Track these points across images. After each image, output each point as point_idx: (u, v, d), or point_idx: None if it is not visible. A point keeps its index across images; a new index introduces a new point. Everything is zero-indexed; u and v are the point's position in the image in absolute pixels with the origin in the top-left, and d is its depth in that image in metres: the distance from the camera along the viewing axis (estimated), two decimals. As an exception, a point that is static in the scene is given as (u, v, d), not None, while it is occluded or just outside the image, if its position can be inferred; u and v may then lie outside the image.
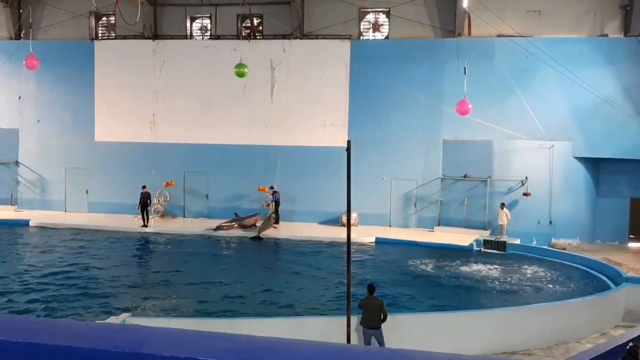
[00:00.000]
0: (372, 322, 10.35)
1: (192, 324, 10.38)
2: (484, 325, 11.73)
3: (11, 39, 26.02)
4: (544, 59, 20.86)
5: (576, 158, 21.64)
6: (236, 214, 22.91)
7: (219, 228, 21.99)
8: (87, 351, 2.00)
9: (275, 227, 22.35)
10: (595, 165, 22.02)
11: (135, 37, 24.62)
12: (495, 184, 22.05)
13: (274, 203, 22.73)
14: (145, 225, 22.37)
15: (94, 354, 1.99)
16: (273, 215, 23.00)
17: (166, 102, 24.73)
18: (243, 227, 22.27)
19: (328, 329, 10.63)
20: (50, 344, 2.02)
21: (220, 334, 2.33)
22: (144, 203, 22.46)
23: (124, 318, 10.72)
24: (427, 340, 10.73)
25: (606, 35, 21.67)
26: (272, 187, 22.92)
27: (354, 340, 10.32)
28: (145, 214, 22.46)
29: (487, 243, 19.99)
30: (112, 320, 10.64)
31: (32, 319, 2.68)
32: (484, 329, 11.65)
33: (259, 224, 22.21)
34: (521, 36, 21.30)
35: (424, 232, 22.15)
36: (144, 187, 22.69)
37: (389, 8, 23.50)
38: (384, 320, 10.35)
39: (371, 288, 10.69)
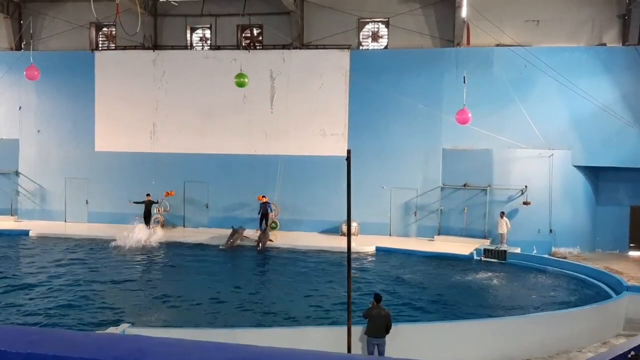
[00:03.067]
0: (378, 332, 10.29)
1: (192, 334, 10.31)
2: (485, 335, 11.64)
3: (12, 49, 26.12)
4: (543, 68, 20.94)
5: (575, 166, 21.66)
6: (233, 227, 22.56)
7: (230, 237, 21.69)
8: (87, 361, 1.98)
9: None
10: (594, 174, 22.03)
11: (135, 47, 24.71)
12: (495, 193, 22.05)
13: (269, 214, 22.44)
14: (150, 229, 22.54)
15: (94, 364, 1.99)
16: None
17: (166, 112, 24.79)
18: (234, 236, 21.78)
19: (329, 339, 10.57)
20: (50, 354, 2.00)
21: (221, 343, 2.31)
22: (147, 211, 22.65)
23: (123, 328, 10.65)
24: (427, 350, 10.68)
25: (604, 44, 21.77)
26: (263, 197, 22.77)
27: (356, 350, 10.27)
28: (148, 222, 22.64)
29: (487, 252, 19.91)
30: (112, 330, 10.57)
31: (32, 329, 2.66)
32: (485, 339, 11.56)
33: (246, 234, 21.95)
34: (520, 45, 21.39)
35: (424, 241, 22.11)
36: (148, 195, 22.95)
37: (388, 18, 23.63)
38: (387, 332, 10.31)
39: (378, 297, 10.65)
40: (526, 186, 21.54)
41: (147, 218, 22.61)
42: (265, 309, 14.01)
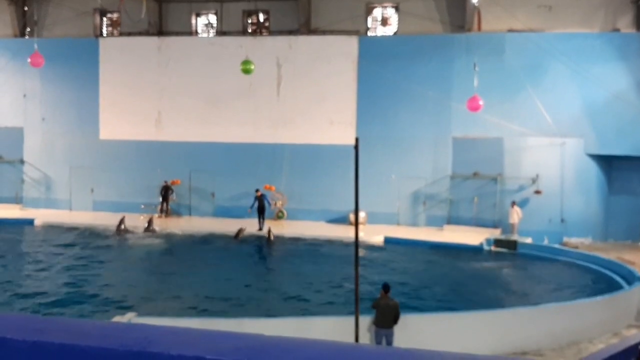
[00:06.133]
0: (386, 322, 10.19)
1: (198, 324, 10.23)
2: (495, 326, 11.52)
3: (16, 36, 25.97)
4: (555, 54, 20.63)
5: (588, 155, 21.33)
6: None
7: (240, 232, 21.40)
8: (94, 349, 1.94)
9: (261, 230, 21.25)
10: (607, 163, 21.69)
11: (140, 34, 24.51)
12: (505, 182, 21.76)
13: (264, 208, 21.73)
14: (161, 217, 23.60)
15: (101, 352, 1.93)
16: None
17: (171, 99, 24.58)
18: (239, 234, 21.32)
19: (336, 329, 10.44)
20: (57, 342, 1.97)
21: (228, 332, 2.23)
22: (165, 195, 23.83)
23: (129, 317, 10.57)
24: (436, 340, 10.51)
25: (618, 30, 21.37)
26: (257, 190, 22.12)
27: (363, 340, 10.13)
28: (164, 205, 23.88)
29: (497, 242, 19.71)
30: (118, 319, 10.49)
31: (38, 317, 2.65)
32: (495, 329, 11.44)
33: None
34: (532, 31, 21.05)
35: (433, 231, 21.88)
36: (165, 181, 23.95)
37: (398, 3, 23.27)
38: (395, 322, 10.17)
39: (386, 287, 10.53)
40: (537, 175, 21.26)
41: (162, 203, 23.98)
42: (272, 299, 13.88)
